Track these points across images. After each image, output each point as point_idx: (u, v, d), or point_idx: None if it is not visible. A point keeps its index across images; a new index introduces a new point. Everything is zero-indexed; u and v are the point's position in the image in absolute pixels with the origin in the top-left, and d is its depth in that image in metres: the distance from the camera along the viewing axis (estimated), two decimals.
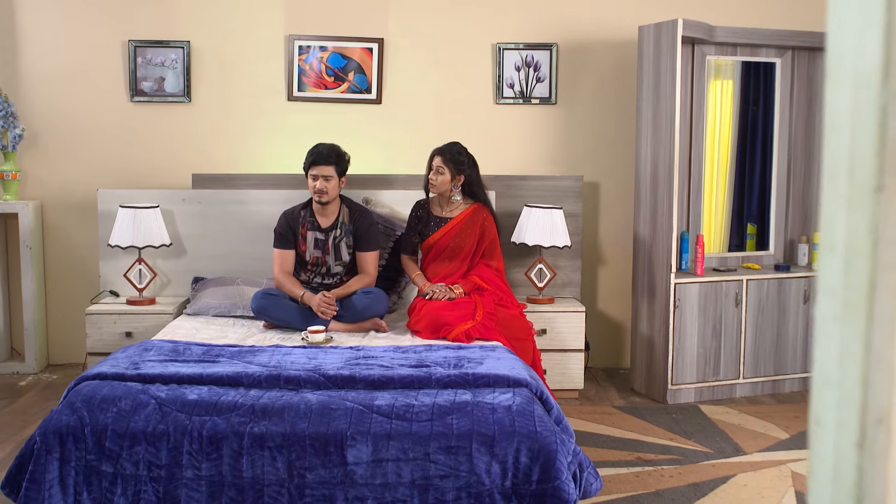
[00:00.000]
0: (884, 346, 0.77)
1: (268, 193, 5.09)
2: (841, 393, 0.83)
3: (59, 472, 3.01)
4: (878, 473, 0.79)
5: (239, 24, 5.36)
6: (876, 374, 0.78)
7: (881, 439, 0.78)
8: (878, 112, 0.76)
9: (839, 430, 0.83)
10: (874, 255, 0.77)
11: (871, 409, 0.79)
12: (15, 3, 5.28)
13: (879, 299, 0.77)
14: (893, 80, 0.75)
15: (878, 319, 0.78)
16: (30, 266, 5.22)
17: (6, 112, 5.15)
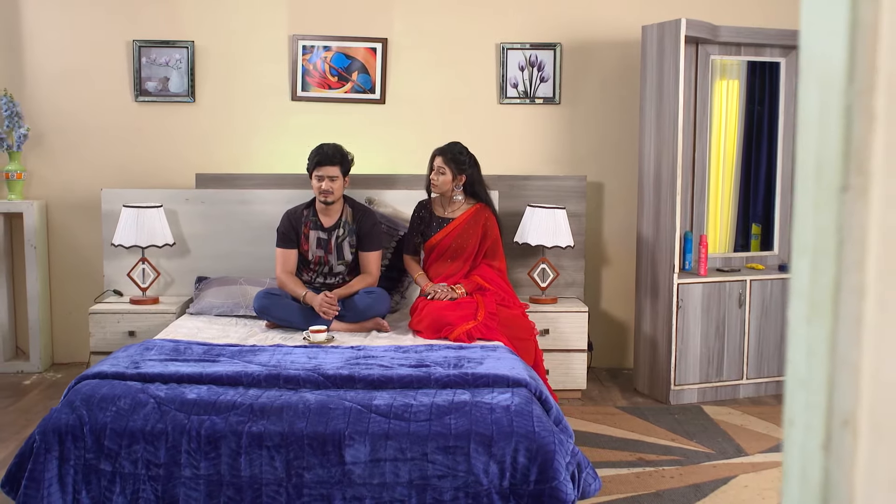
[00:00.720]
0: (849, 348, 0.77)
1: (271, 193, 5.10)
2: (808, 394, 0.82)
3: (58, 470, 3.02)
4: (844, 476, 0.78)
5: (243, 24, 5.37)
6: (841, 376, 0.78)
7: (847, 441, 0.78)
8: (843, 112, 0.76)
9: (807, 431, 0.83)
10: (839, 255, 0.77)
11: (837, 411, 0.78)
12: (20, 4, 5.30)
13: (844, 300, 0.77)
14: (858, 81, 0.75)
15: (843, 320, 0.77)
16: (34, 265, 5.24)
17: (11, 112, 5.18)
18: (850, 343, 0.77)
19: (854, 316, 0.77)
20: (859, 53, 0.75)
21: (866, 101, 0.75)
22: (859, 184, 0.76)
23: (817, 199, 0.81)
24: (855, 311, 0.77)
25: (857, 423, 0.78)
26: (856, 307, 0.77)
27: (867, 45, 0.74)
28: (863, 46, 0.75)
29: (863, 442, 0.77)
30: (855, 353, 0.77)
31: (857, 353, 0.77)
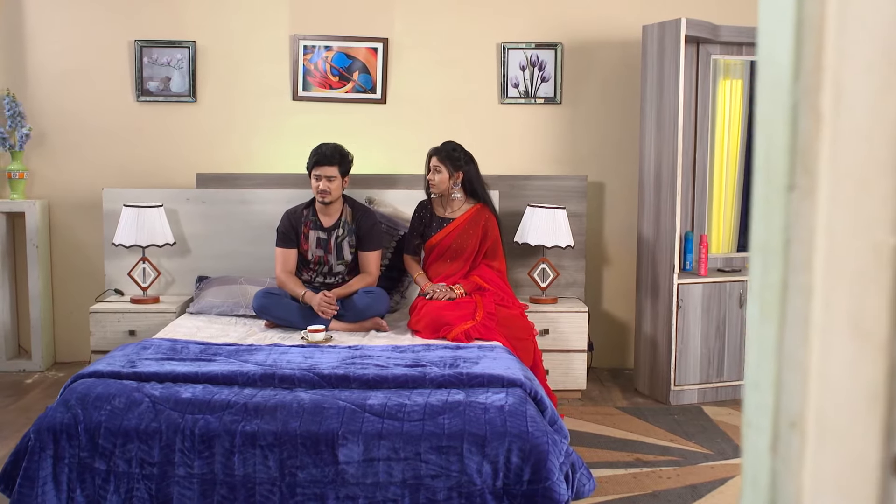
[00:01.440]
0: (796, 348, 0.76)
1: (272, 193, 5.11)
2: (758, 395, 0.82)
3: (52, 469, 3.03)
4: (791, 477, 0.78)
5: (244, 24, 5.37)
6: (789, 377, 0.77)
7: (795, 443, 0.77)
8: (789, 111, 0.75)
9: (757, 433, 0.82)
10: (786, 255, 0.76)
11: (784, 413, 0.78)
12: (23, 4, 5.32)
13: (791, 300, 0.76)
14: (804, 79, 0.74)
15: (790, 321, 0.77)
16: (36, 264, 5.25)
17: (14, 112, 5.19)
18: (798, 344, 0.76)
19: (802, 316, 0.76)
20: (805, 52, 0.74)
21: (812, 100, 0.74)
22: (806, 184, 0.75)
23: (767, 199, 0.80)
24: (802, 311, 0.76)
25: (804, 425, 0.77)
26: (803, 308, 0.76)
27: (813, 44, 0.74)
28: (809, 45, 0.74)
29: (810, 444, 0.77)
30: (802, 354, 0.76)
31: (805, 353, 0.76)
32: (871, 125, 0.65)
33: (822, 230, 0.75)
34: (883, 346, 0.65)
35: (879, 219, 0.64)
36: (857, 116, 0.67)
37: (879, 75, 0.64)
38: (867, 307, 0.66)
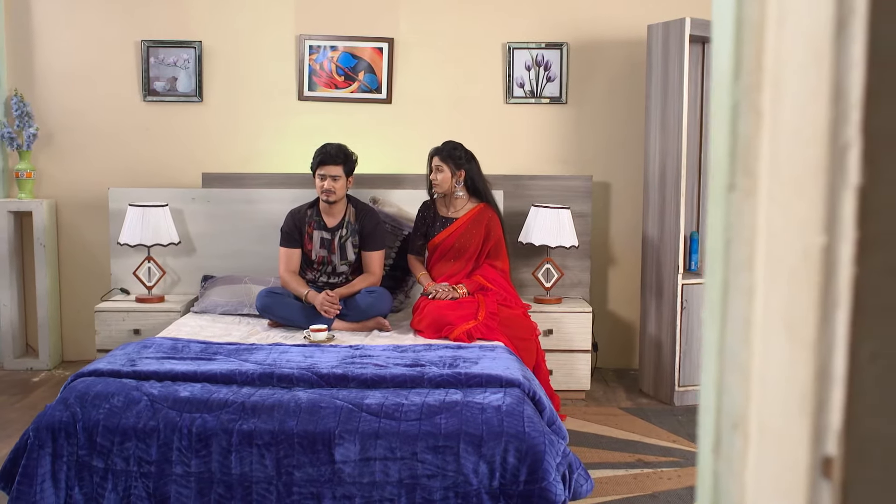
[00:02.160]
0: (738, 349, 0.76)
1: (277, 192, 5.12)
2: (704, 397, 0.81)
3: (51, 466, 3.05)
4: (734, 479, 0.77)
5: (250, 24, 5.39)
6: (730, 378, 0.77)
7: (737, 444, 0.77)
8: (730, 110, 0.75)
9: (703, 434, 0.82)
10: (727, 255, 0.76)
11: (726, 414, 0.77)
12: (30, 5, 5.36)
13: (733, 301, 0.76)
14: (744, 78, 0.74)
15: (731, 321, 0.76)
16: (44, 264, 5.29)
17: (21, 111, 5.23)
18: (739, 344, 0.76)
19: (743, 317, 0.76)
20: (745, 51, 0.74)
21: (753, 100, 0.74)
22: (746, 184, 0.75)
23: (713, 199, 0.80)
24: (744, 311, 0.76)
25: (747, 427, 0.77)
26: (744, 308, 0.76)
27: (753, 43, 0.73)
28: (749, 44, 0.74)
29: (753, 445, 0.76)
30: (745, 355, 0.76)
31: (747, 355, 0.76)
32: (802, 125, 0.65)
33: (763, 231, 0.74)
34: (811, 347, 0.64)
35: (810, 219, 0.63)
36: (792, 117, 0.67)
37: (811, 76, 0.64)
38: (798, 308, 0.66)
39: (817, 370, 0.64)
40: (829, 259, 0.62)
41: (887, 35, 0.59)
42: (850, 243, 0.60)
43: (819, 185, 0.63)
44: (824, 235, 0.62)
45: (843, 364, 0.62)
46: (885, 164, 0.60)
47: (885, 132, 0.60)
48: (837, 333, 0.62)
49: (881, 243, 0.60)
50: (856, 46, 0.60)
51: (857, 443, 0.62)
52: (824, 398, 0.63)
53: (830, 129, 0.62)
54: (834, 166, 0.62)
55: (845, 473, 0.62)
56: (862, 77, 0.59)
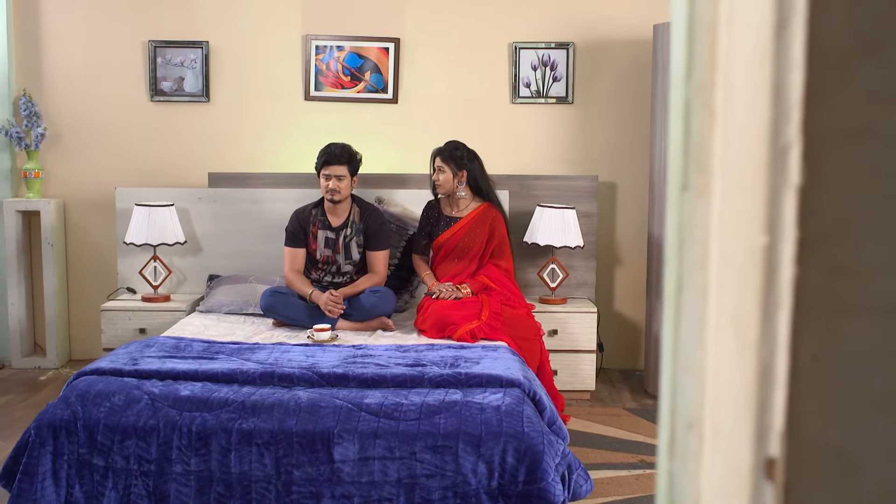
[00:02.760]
0: (691, 349, 0.76)
1: (283, 192, 5.13)
2: (661, 397, 0.81)
3: (52, 464, 3.06)
4: (689, 480, 0.77)
5: (257, 25, 5.41)
6: (684, 378, 0.76)
7: (692, 445, 0.76)
8: (682, 109, 0.75)
9: (660, 435, 0.82)
10: (680, 254, 0.75)
11: (680, 414, 0.77)
12: (39, 6, 5.39)
13: (686, 300, 0.75)
14: (696, 77, 0.73)
15: (685, 320, 0.76)
16: (51, 263, 5.32)
17: (30, 111, 5.26)
18: (693, 344, 0.76)
19: (697, 316, 0.75)
20: (697, 50, 0.73)
21: (706, 98, 0.73)
22: (700, 182, 0.74)
23: (669, 198, 0.80)
24: (698, 311, 0.75)
25: (702, 427, 0.76)
26: (698, 307, 0.75)
27: (705, 41, 0.73)
28: (700, 43, 0.73)
29: (707, 446, 0.76)
30: (699, 355, 0.76)
31: (701, 354, 0.75)
32: (749, 125, 0.64)
33: (716, 230, 0.74)
34: (755, 348, 0.64)
35: (754, 219, 0.63)
36: (740, 116, 0.67)
37: (755, 75, 0.64)
38: (743, 308, 0.65)
39: (760, 371, 0.63)
40: (770, 259, 0.62)
41: (827, 35, 0.59)
42: (791, 243, 0.60)
43: (762, 184, 0.62)
44: (766, 235, 0.62)
45: (785, 365, 0.61)
46: (825, 164, 0.59)
47: (825, 132, 0.59)
48: (779, 334, 0.62)
49: (821, 243, 0.60)
50: (796, 46, 0.59)
51: (799, 444, 0.62)
52: (767, 399, 0.63)
53: (772, 128, 0.61)
54: (775, 166, 0.61)
55: (787, 475, 0.62)
56: (802, 77, 0.59)
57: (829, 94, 0.59)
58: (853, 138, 0.59)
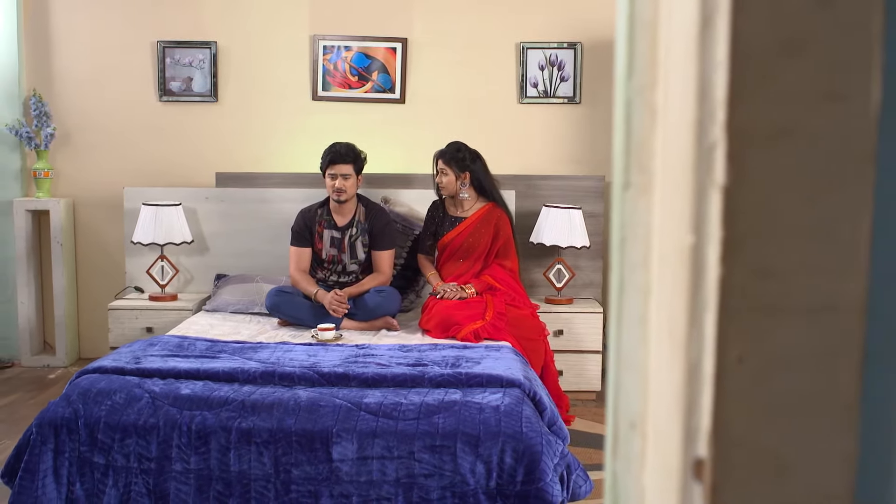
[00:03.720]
0: (634, 348, 0.75)
1: (290, 192, 5.14)
2: (608, 396, 0.81)
3: (53, 462, 3.08)
4: (632, 480, 0.76)
5: (264, 25, 5.42)
6: (626, 377, 0.76)
7: (635, 445, 0.76)
8: (624, 108, 0.74)
9: (606, 434, 0.81)
10: (622, 253, 0.75)
11: (623, 414, 0.77)
12: (49, 8, 5.42)
13: (628, 299, 0.75)
14: (637, 76, 0.73)
15: (626, 320, 0.76)
16: (61, 262, 5.36)
17: (40, 111, 5.30)
18: (635, 344, 0.75)
19: (639, 316, 0.75)
20: (637, 49, 0.73)
21: (647, 98, 0.73)
22: (641, 181, 0.74)
23: (613, 197, 0.79)
24: (640, 310, 0.75)
25: (645, 427, 0.76)
26: (640, 307, 0.75)
27: (646, 40, 0.73)
28: (641, 42, 0.73)
29: (650, 445, 0.76)
30: (641, 355, 0.75)
31: (644, 354, 0.75)
32: (680, 123, 0.64)
33: (657, 229, 0.74)
34: (683, 348, 0.64)
35: (683, 219, 0.63)
36: (674, 115, 0.66)
37: (685, 75, 0.63)
38: (675, 308, 0.65)
39: (688, 371, 0.63)
40: (697, 259, 0.62)
41: (750, 33, 0.58)
42: (717, 243, 0.60)
43: (690, 184, 0.62)
44: (693, 235, 0.62)
45: (712, 366, 0.61)
46: (749, 164, 0.59)
47: (749, 132, 0.59)
48: (706, 335, 0.61)
49: (746, 244, 0.59)
50: (720, 45, 0.59)
51: (727, 445, 0.61)
52: (695, 400, 0.63)
53: (698, 128, 0.61)
54: (702, 166, 0.61)
55: (715, 476, 0.62)
56: (726, 76, 0.59)
57: (753, 94, 0.58)
58: (777, 138, 0.58)
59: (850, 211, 0.59)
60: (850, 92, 0.58)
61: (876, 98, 0.58)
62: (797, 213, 0.59)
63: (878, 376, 0.62)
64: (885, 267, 0.61)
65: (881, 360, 0.62)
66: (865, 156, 0.59)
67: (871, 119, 0.59)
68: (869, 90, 0.58)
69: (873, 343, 0.62)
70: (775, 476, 0.61)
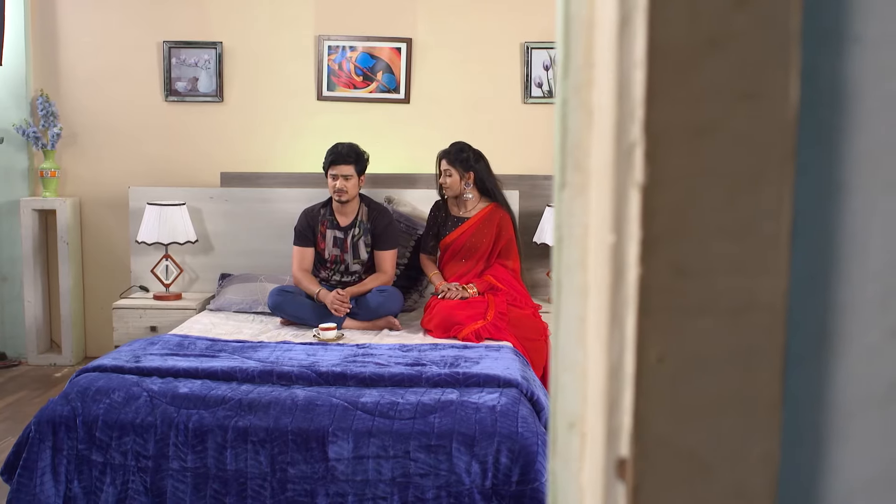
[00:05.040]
0: (571, 348, 0.75)
1: (294, 192, 5.16)
2: (550, 396, 0.81)
3: (51, 460, 3.10)
4: (572, 480, 0.76)
5: (270, 25, 5.44)
6: (565, 378, 0.76)
7: (573, 444, 0.76)
8: (560, 107, 0.74)
9: (549, 434, 0.81)
10: (559, 254, 0.75)
11: (561, 413, 0.76)
12: (56, 9, 5.46)
13: (565, 299, 0.75)
14: (573, 75, 0.73)
15: (564, 320, 0.75)
16: (67, 261, 5.39)
17: (47, 111, 5.33)
18: (573, 343, 0.75)
19: (576, 315, 0.75)
20: (573, 47, 0.73)
21: (584, 97, 0.73)
22: (578, 181, 0.74)
23: (553, 196, 0.79)
24: (577, 310, 0.75)
25: (584, 427, 0.76)
26: (577, 307, 0.75)
27: (581, 39, 0.73)
28: (577, 40, 0.73)
29: (588, 446, 0.75)
30: (579, 354, 0.75)
31: (583, 354, 0.75)
32: (606, 122, 0.64)
33: (593, 229, 0.73)
34: (604, 347, 0.64)
35: (606, 217, 0.63)
36: (602, 115, 0.66)
37: (609, 73, 0.63)
38: (600, 308, 0.65)
39: (611, 371, 0.63)
40: (617, 259, 0.62)
41: (668, 31, 0.58)
42: (636, 243, 0.60)
43: (612, 183, 0.62)
44: (614, 234, 0.62)
45: (633, 366, 0.61)
46: (668, 163, 0.59)
47: (668, 130, 0.59)
48: (627, 335, 0.61)
49: (665, 243, 0.59)
50: (638, 43, 0.59)
51: (648, 445, 0.61)
52: (617, 400, 0.63)
53: (619, 127, 0.61)
54: (623, 165, 0.61)
55: (636, 475, 0.62)
56: (644, 75, 0.59)
57: (671, 93, 0.58)
58: (695, 137, 0.58)
59: (769, 210, 0.59)
60: (767, 91, 0.58)
61: (794, 97, 0.58)
62: (716, 213, 0.59)
63: (799, 376, 0.62)
64: (805, 266, 0.61)
65: (803, 360, 0.62)
66: (784, 155, 0.59)
67: (790, 118, 0.58)
68: (787, 89, 0.58)
69: (794, 343, 0.61)
70: (696, 476, 0.61)
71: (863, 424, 0.62)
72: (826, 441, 0.62)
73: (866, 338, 0.61)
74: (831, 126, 0.61)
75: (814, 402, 0.62)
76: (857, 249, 0.61)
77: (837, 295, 0.61)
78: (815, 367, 0.62)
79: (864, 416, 0.62)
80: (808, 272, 0.61)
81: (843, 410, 0.62)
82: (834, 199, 0.61)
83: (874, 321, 0.61)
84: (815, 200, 0.61)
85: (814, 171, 0.61)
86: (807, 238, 0.61)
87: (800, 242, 0.60)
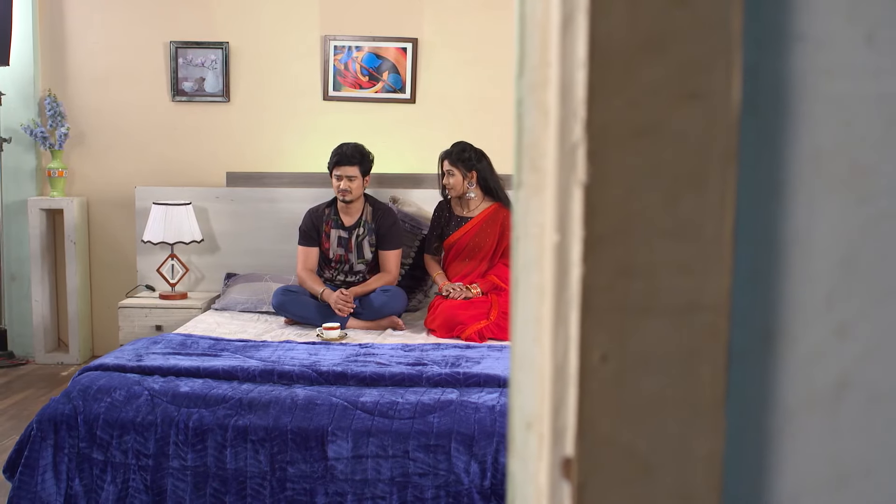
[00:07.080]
0: (528, 348, 0.75)
1: (300, 192, 5.17)
2: (509, 396, 0.81)
3: (52, 458, 3.12)
4: (530, 480, 0.76)
5: (276, 26, 5.45)
6: (522, 377, 0.76)
7: (531, 445, 0.76)
8: (516, 106, 0.74)
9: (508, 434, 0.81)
10: (516, 252, 0.75)
11: (519, 413, 0.77)
12: (64, 9, 5.49)
13: (522, 299, 0.75)
14: (528, 75, 0.73)
15: (521, 319, 0.76)
16: (74, 260, 5.42)
17: (54, 111, 5.36)
18: (530, 343, 0.75)
19: (533, 316, 0.75)
20: (528, 47, 0.73)
21: (539, 96, 0.73)
22: (534, 181, 0.74)
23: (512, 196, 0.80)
24: (534, 310, 0.75)
25: (542, 427, 0.76)
26: (535, 307, 0.75)
27: (536, 39, 0.73)
28: (531, 40, 0.73)
29: (545, 446, 0.76)
30: (537, 354, 0.75)
31: (540, 353, 0.75)
32: (552, 122, 0.64)
33: (550, 229, 0.73)
34: (549, 346, 0.64)
35: (550, 216, 0.63)
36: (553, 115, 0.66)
37: (552, 73, 0.63)
38: (546, 307, 0.65)
39: (556, 370, 0.63)
40: (561, 258, 0.62)
41: (609, 31, 0.58)
42: (579, 242, 0.60)
43: (556, 183, 0.62)
44: (558, 234, 0.62)
45: (576, 365, 0.61)
46: (610, 163, 0.59)
47: (610, 130, 0.59)
48: (571, 334, 0.62)
49: (607, 243, 0.59)
50: (580, 44, 0.59)
51: (592, 444, 0.61)
52: (562, 399, 0.63)
53: (562, 127, 0.61)
54: (567, 164, 0.61)
55: (581, 475, 0.62)
56: (585, 75, 0.59)
57: (613, 93, 0.58)
58: (637, 137, 0.58)
59: (712, 210, 0.59)
60: (710, 91, 0.58)
61: (736, 97, 0.58)
62: (659, 213, 0.59)
63: (744, 375, 0.62)
64: (749, 266, 0.61)
65: (747, 360, 0.62)
66: (727, 155, 0.59)
67: (732, 118, 0.58)
68: (729, 89, 0.58)
69: (738, 342, 0.61)
70: (640, 476, 0.61)
71: (808, 423, 0.62)
72: (771, 440, 0.62)
73: (811, 337, 0.61)
74: (775, 126, 0.60)
75: (758, 401, 0.62)
76: (800, 249, 0.60)
77: (782, 294, 0.61)
78: (760, 366, 0.62)
79: (809, 414, 0.62)
80: (751, 272, 0.61)
81: (788, 409, 0.62)
82: (777, 199, 0.61)
83: (819, 320, 0.61)
84: (759, 200, 0.61)
85: (757, 170, 0.60)
86: (750, 238, 0.61)
87: (743, 242, 0.60)
